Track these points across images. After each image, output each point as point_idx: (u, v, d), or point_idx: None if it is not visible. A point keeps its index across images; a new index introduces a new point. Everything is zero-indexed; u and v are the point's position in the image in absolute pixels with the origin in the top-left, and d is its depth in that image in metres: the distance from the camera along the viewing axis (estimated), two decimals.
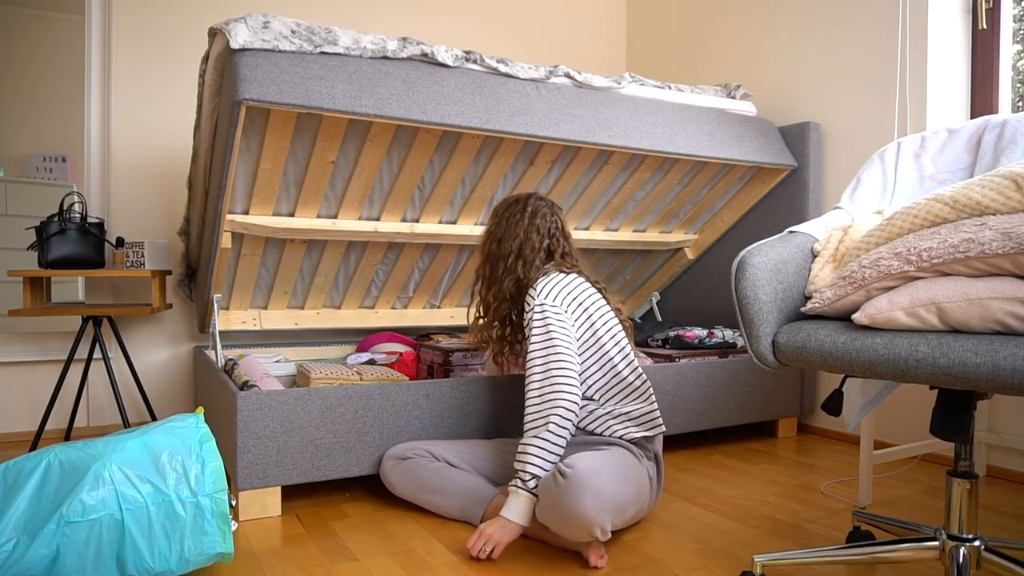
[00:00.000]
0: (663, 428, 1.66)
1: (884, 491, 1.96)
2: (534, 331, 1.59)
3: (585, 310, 1.66)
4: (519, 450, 1.52)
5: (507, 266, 1.75)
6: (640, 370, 1.69)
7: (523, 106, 2.04)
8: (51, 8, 3.38)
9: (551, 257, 1.79)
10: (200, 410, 1.48)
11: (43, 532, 1.16)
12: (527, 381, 1.57)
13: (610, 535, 1.40)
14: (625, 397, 1.66)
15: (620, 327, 1.71)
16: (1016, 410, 2.08)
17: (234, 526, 1.38)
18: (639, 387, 1.67)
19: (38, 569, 1.16)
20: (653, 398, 1.67)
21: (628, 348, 1.70)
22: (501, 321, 1.80)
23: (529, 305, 1.64)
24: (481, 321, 1.84)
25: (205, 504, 1.30)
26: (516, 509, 1.47)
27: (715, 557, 1.50)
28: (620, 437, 1.62)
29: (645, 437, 1.65)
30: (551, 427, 1.49)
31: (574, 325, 1.64)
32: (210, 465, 1.34)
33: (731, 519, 1.73)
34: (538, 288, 1.64)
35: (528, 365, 1.58)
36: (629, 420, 1.64)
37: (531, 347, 1.58)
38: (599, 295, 1.71)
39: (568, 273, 1.70)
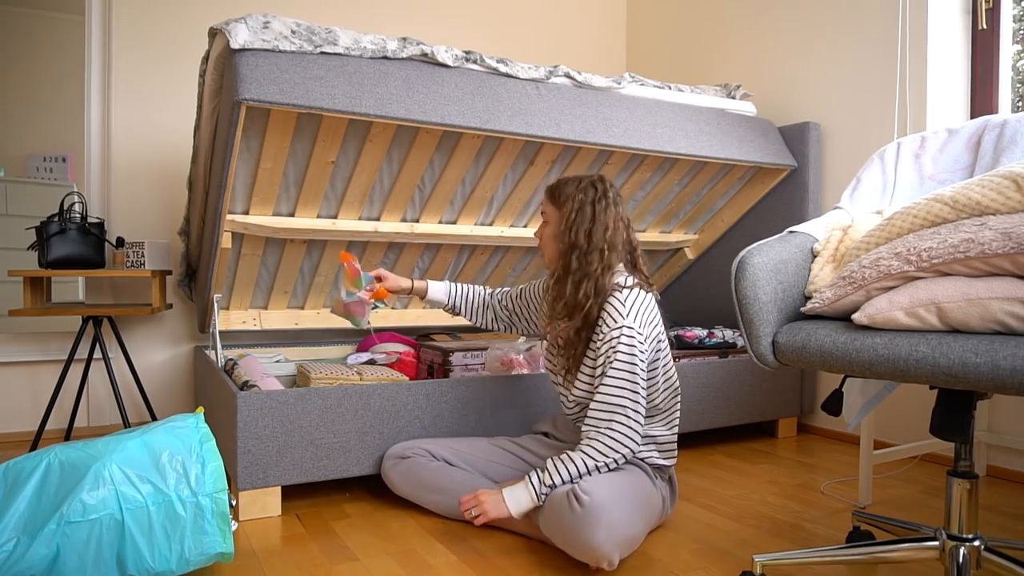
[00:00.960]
0: (676, 458, 1.67)
1: (884, 491, 1.96)
2: (620, 356, 1.49)
3: (656, 340, 1.59)
4: (563, 456, 1.49)
5: (604, 262, 1.57)
6: (679, 398, 1.67)
7: (523, 106, 2.04)
8: (51, 8, 3.38)
9: (631, 255, 1.67)
10: (200, 410, 1.47)
11: (43, 532, 1.17)
12: (598, 402, 1.50)
13: (616, 566, 1.37)
14: (656, 421, 1.64)
15: (670, 350, 1.66)
16: (1016, 410, 2.07)
17: (234, 526, 1.38)
18: (669, 414, 1.65)
19: (38, 569, 1.16)
20: (677, 427, 1.66)
21: (674, 375, 1.66)
22: (589, 327, 1.58)
23: (614, 320, 1.51)
24: (564, 323, 1.59)
25: (205, 504, 1.30)
26: (518, 501, 1.49)
27: (715, 557, 1.50)
28: (642, 459, 1.61)
29: (662, 463, 1.64)
30: (600, 464, 1.47)
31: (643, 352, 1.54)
32: (210, 465, 1.34)
33: (731, 519, 1.73)
34: (627, 305, 1.53)
35: (603, 388, 1.50)
36: (654, 444, 1.63)
37: (611, 371, 1.49)
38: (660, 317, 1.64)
39: (647, 291, 1.60)
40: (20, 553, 1.14)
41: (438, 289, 1.90)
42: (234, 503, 1.40)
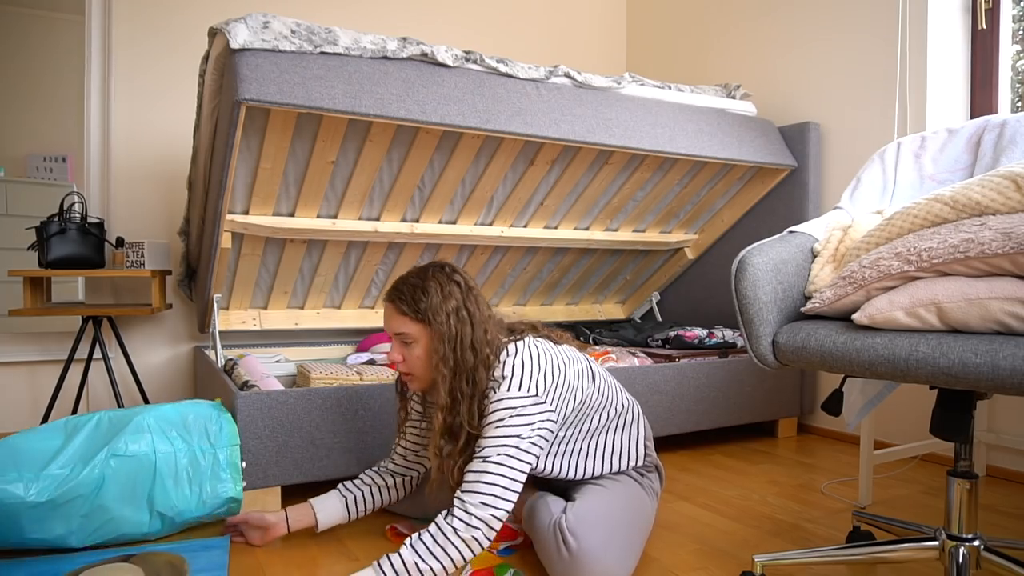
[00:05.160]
0: (654, 448, 1.61)
1: (884, 491, 1.96)
2: (504, 430, 1.31)
3: (570, 385, 1.43)
4: (418, 547, 1.22)
5: (488, 359, 1.37)
6: (634, 413, 1.56)
7: (523, 106, 2.04)
8: (51, 8, 3.38)
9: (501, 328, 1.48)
10: (218, 399, 1.72)
11: (94, 460, 1.46)
12: (473, 478, 1.28)
13: None
14: (624, 432, 1.54)
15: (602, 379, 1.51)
16: (1016, 410, 2.07)
17: (243, 483, 1.64)
18: (634, 424, 1.55)
19: (87, 490, 1.44)
20: (647, 430, 1.58)
21: (615, 399, 1.53)
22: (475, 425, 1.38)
23: (498, 395, 1.33)
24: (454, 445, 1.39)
25: (222, 456, 1.60)
26: None
27: (715, 557, 1.50)
28: (620, 470, 1.52)
29: (644, 464, 1.57)
30: (463, 556, 1.24)
31: None
32: (226, 427, 1.63)
33: (731, 519, 1.73)
34: (511, 376, 1.34)
35: (481, 463, 1.28)
36: (631, 454, 1.54)
37: (493, 446, 1.30)
38: None
39: (533, 340, 1.43)
40: (75, 475, 1.44)
41: (331, 512, 1.53)
42: (244, 464, 1.66)
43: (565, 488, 1.52)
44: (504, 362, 1.34)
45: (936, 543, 1.23)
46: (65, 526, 1.44)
